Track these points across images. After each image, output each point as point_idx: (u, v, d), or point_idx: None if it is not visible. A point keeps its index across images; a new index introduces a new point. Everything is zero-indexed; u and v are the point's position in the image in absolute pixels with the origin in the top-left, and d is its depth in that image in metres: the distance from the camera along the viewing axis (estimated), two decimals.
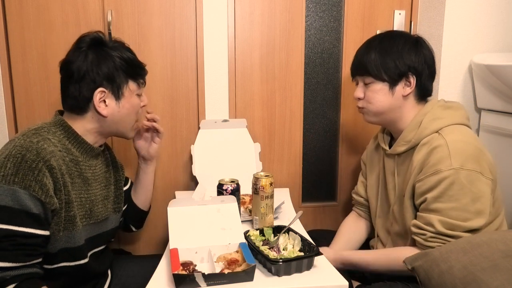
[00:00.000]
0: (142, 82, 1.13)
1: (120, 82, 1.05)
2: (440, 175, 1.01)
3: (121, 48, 1.07)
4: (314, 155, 1.78)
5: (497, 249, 0.88)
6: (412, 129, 1.12)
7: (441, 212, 1.01)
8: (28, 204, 0.87)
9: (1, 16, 1.47)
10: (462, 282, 0.85)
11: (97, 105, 1.03)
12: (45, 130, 0.99)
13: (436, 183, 1.02)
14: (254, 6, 1.60)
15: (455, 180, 1.00)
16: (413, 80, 1.12)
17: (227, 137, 1.58)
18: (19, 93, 1.52)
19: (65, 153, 1.00)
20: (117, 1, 1.51)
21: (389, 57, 1.12)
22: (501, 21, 1.60)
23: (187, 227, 1.03)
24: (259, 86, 1.65)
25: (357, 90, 1.19)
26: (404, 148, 1.14)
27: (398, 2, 1.68)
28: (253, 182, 1.17)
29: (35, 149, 0.91)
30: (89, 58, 1.02)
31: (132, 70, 1.08)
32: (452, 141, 1.03)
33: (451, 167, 1.00)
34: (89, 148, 1.07)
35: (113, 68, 1.03)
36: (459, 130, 1.07)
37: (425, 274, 0.93)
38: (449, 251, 0.92)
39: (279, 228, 1.10)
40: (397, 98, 1.13)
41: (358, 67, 1.18)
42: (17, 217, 0.87)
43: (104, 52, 1.04)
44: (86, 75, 1.01)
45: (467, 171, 1.00)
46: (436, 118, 1.10)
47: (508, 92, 1.40)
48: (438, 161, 1.02)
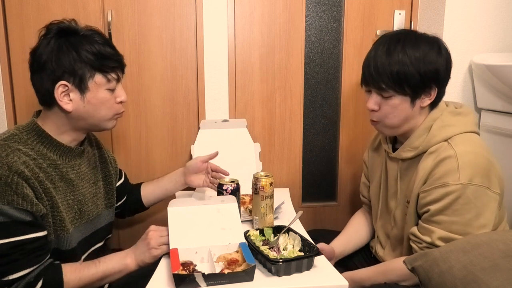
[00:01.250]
0: (114, 77, 1.02)
1: (83, 74, 0.97)
2: (447, 188, 0.98)
3: (91, 39, 0.99)
4: (314, 155, 1.78)
5: (497, 249, 0.88)
6: (420, 135, 1.07)
7: (442, 225, 0.99)
8: (17, 215, 0.88)
9: (1, 16, 1.47)
10: (462, 282, 0.85)
11: (58, 99, 0.96)
12: (15, 140, 0.94)
13: (442, 196, 0.99)
14: (254, 6, 1.60)
15: (461, 195, 0.97)
16: (435, 92, 1.05)
17: (227, 137, 1.58)
18: (19, 93, 1.52)
19: (40, 160, 0.96)
20: (117, 1, 1.51)
21: (414, 69, 1.01)
22: (501, 21, 1.60)
23: (187, 227, 1.03)
24: (259, 86, 1.65)
25: (371, 101, 1.08)
26: (411, 154, 1.09)
27: (398, 2, 1.68)
28: (253, 182, 1.17)
29: (6, 164, 0.88)
30: (50, 46, 0.96)
31: (99, 63, 0.98)
32: (462, 153, 0.99)
33: (459, 182, 0.96)
34: (66, 150, 1.02)
35: (75, 60, 0.95)
36: (470, 140, 1.02)
37: (425, 274, 0.93)
38: (449, 251, 0.92)
39: (279, 228, 1.10)
40: (415, 110, 1.06)
41: (378, 79, 1.04)
42: (14, 228, 0.88)
43: (69, 43, 0.96)
44: (46, 64, 0.95)
45: (475, 186, 0.97)
46: (446, 125, 1.05)
47: (508, 92, 1.40)
48: (445, 174, 0.98)
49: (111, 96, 1.03)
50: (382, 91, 1.05)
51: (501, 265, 0.84)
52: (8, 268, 0.88)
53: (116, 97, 1.05)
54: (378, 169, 1.27)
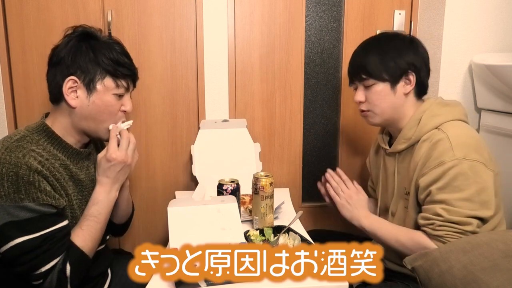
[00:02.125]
0: (124, 85, 1.05)
1: (94, 74, 1.00)
2: (444, 166, 1.01)
3: (111, 46, 1.03)
4: (314, 155, 1.78)
5: (497, 249, 0.88)
6: (412, 126, 1.13)
7: (446, 202, 1.01)
8: (44, 210, 0.91)
9: (1, 16, 1.47)
10: (462, 282, 0.85)
11: (65, 93, 0.99)
12: (28, 140, 0.96)
13: (440, 175, 1.02)
14: (254, 6, 1.60)
15: (459, 170, 1.00)
16: (413, 78, 1.13)
17: (227, 137, 1.58)
18: (19, 93, 1.52)
19: (53, 160, 0.98)
20: (117, 1, 1.51)
21: (388, 56, 1.12)
22: (501, 21, 1.60)
23: (187, 227, 1.03)
24: (259, 86, 1.65)
25: (358, 94, 1.18)
26: (405, 145, 1.14)
27: (398, 2, 1.68)
28: (253, 182, 1.17)
29: (24, 164, 0.90)
30: (70, 44, 1.00)
31: (112, 68, 1.01)
32: (454, 134, 1.04)
33: (455, 158, 1.00)
34: (74, 152, 1.04)
35: (91, 60, 0.99)
36: (459, 125, 1.09)
37: (425, 274, 0.93)
38: (449, 251, 0.92)
39: (279, 228, 1.10)
40: (398, 97, 1.14)
41: (358, 70, 1.16)
42: (44, 221, 0.91)
43: (89, 45, 1.00)
44: (62, 60, 0.99)
45: (471, 161, 1.01)
46: (435, 115, 1.10)
47: (508, 92, 1.40)
48: (440, 154, 1.03)
49: (117, 102, 1.05)
50: (363, 81, 1.15)
51: (501, 265, 0.84)
52: (41, 260, 0.90)
53: (122, 105, 1.07)
54: (378, 168, 1.31)
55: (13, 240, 0.88)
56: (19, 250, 0.89)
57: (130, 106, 1.09)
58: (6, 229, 0.88)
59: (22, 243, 0.88)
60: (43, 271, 0.90)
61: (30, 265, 0.90)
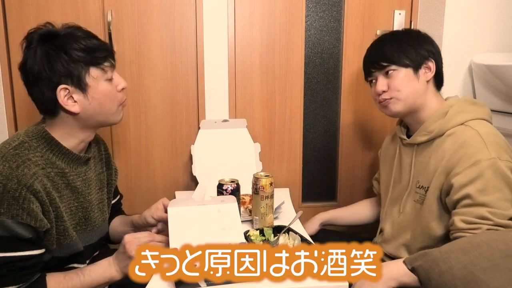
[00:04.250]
0: (108, 65, 1.00)
1: (79, 73, 0.95)
2: (481, 165, 0.98)
3: (74, 35, 0.96)
4: (314, 155, 1.78)
5: (497, 249, 0.88)
6: (436, 119, 1.10)
7: (490, 204, 0.97)
8: (19, 231, 0.87)
9: (1, 16, 1.47)
10: (462, 282, 0.85)
11: (64, 104, 0.95)
12: (25, 148, 0.93)
13: (478, 175, 0.98)
14: (254, 6, 1.60)
15: (496, 169, 0.97)
16: (433, 65, 1.13)
17: (227, 137, 1.58)
18: (19, 93, 1.52)
19: (49, 168, 0.95)
20: (117, 1, 1.51)
21: (407, 44, 1.12)
22: (501, 21, 1.60)
23: (187, 227, 1.03)
24: (259, 86, 1.65)
25: (379, 84, 1.14)
26: (426, 138, 1.12)
27: (398, 2, 1.68)
28: (253, 182, 1.17)
29: (16, 177, 0.87)
30: (37, 55, 0.93)
31: (90, 57, 0.96)
32: (484, 132, 1.02)
33: (491, 157, 0.98)
34: (75, 157, 1.01)
35: (67, 61, 0.94)
36: (486, 125, 1.06)
37: (425, 274, 0.93)
38: (449, 251, 0.92)
39: (279, 228, 1.10)
40: (421, 83, 1.13)
41: (377, 58, 1.14)
42: (10, 243, 0.87)
43: (55, 46, 0.94)
44: (40, 74, 0.93)
45: (505, 161, 0.99)
46: (462, 111, 1.08)
47: (508, 92, 1.40)
48: (475, 152, 0.99)
49: (111, 86, 1.02)
50: (384, 69, 1.13)
51: (501, 265, 0.84)
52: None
53: (117, 85, 1.03)
54: (391, 160, 1.28)
55: None
56: None
57: (124, 82, 1.04)
58: None
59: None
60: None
61: None
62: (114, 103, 1.03)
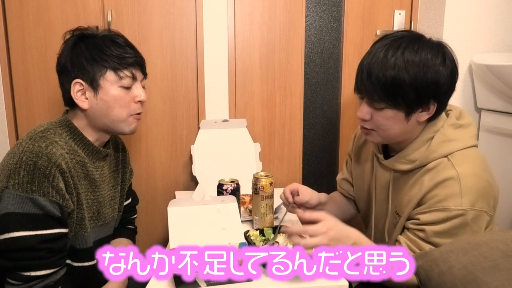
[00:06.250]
0: (128, 75, 1.02)
1: (94, 72, 0.99)
2: (448, 214, 0.93)
3: (106, 39, 1.01)
4: (314, 155, 1.78)
5: (497, 249, 0.88)
6: (418, 147, 1.00)
7: (437, 245, 0.97)
8: (50, 209, 0.89)
9: (1, 16, 1.47)
10: (462, 282, 0.85)
11: (74, 97, 1.00)
12: (51, 132, 0.97)
13: (442, 220, 0.94)
14: (254, 6, 1.60)
15: (463, 221, 0.93)
16: (434, 107, 0.96)
17: (227, 137, 1.58)
18: (19, 93, 1.52)
19: (72, 155, 0.98)
20: (117, 1, 1.51)
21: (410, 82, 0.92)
22: (501, 21, 1.60)
23: (187, 227, 1.03)
24: (259, 86, 1.65)
25: (363, 109, 1.00)
26: (407, 167, 1.02)
27: (398, 2, 1.68)
28: (253, 182, 1.17)
29: (45, 155, 0.90)
30: (67, 49, 1.01)
31: (110, 60, 0.99)
32: (465, 175, 0.93)
33: (461, 208, 0.92)
34: (95, 150, 1.05)
35: (87, 59, 0.99)
36: (470, 158, 0.97)
37: (425, 274, 0.93)
38: (449, 251, 0.92)
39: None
40: (411, 124, 0.98)
41: (371, 89, 0.96)
42: (43, 221, 0.89)
43: (84, 44, 1.00)
44: (64, 67, 1.01)
45: (476, 211, 0.93)
46: (447, 140, 0.98)
47: (508, 92, 1.40)
48: (446, 197, 0.94)
49: (126, 94, 1.03)
50: (374, 102, 0.97)
51: (501, 265, 0.84)
52: (34, 264, 0.88)
53: (134, 96, 1.04)
54: (367, 172, 1.20)
55: (9, 233, 0.86)
56: (14, 244, 0.87)
57: (142, 96, 1.05)
58: (5, 219, 0.86)
59: (19, 238, 0.86)
60: (30, 276, 0.88)
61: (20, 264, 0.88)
62: (124, 110, 1.03)
